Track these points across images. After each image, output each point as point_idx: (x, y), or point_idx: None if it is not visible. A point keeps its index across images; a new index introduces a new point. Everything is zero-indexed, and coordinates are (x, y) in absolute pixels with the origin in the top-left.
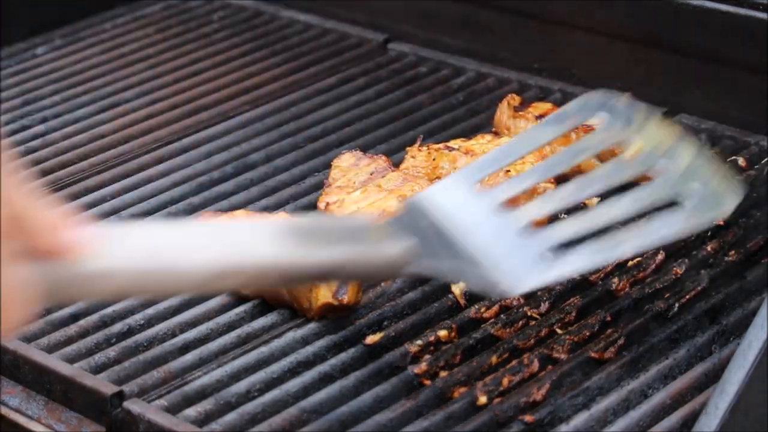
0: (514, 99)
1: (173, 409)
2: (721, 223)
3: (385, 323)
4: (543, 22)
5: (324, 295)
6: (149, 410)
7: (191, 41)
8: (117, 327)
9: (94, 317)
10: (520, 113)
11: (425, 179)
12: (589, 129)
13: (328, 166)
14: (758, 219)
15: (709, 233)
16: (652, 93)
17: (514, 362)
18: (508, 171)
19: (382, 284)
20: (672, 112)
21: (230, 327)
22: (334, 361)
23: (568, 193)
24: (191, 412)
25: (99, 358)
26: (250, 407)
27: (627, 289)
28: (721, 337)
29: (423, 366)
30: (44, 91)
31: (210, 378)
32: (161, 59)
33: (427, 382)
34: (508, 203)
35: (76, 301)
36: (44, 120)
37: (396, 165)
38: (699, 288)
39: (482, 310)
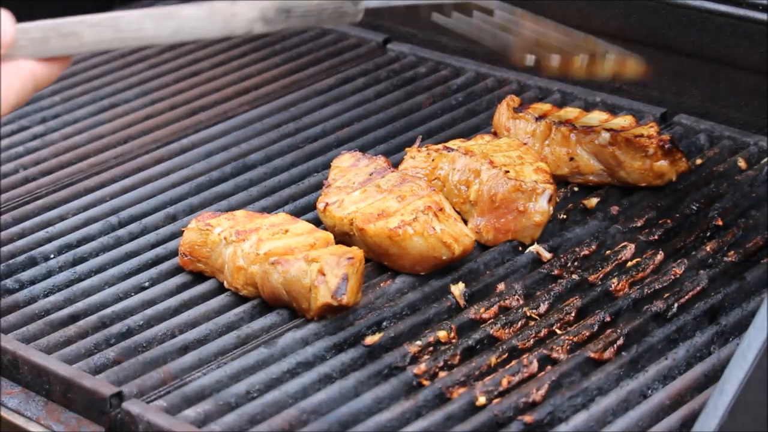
0: (514, 100)
1: (172, 410)
2: (720, 223)
3: (385, 324)
4: None
5: (323, 295)
6: (148, 411)
7: (190, 41)
8: (116, 328)
9: (93, 318)
10: (520, 114)
11: (424, 180)
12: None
13: (327, 166)
14: (758, 219)
15: (709, 233)
16: (652, 93)
17: (513, 363)
18: None
19: (382, 285)
20: (672, 112)
21: (229, 327)
22: (333, 362)
23: None
24: (190, 412)
25: (98, 358)
26: (249, 408)
27: (626, 290)
28: (721, 337)
29: (422, 366)
30: (43, 91)
31: (209, 379)
32: (161, 59)
33: (427, 383)
34: None
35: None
36: (43, 120)
37: (395, 165)
38: (698, 288)
39: (481, 310)
